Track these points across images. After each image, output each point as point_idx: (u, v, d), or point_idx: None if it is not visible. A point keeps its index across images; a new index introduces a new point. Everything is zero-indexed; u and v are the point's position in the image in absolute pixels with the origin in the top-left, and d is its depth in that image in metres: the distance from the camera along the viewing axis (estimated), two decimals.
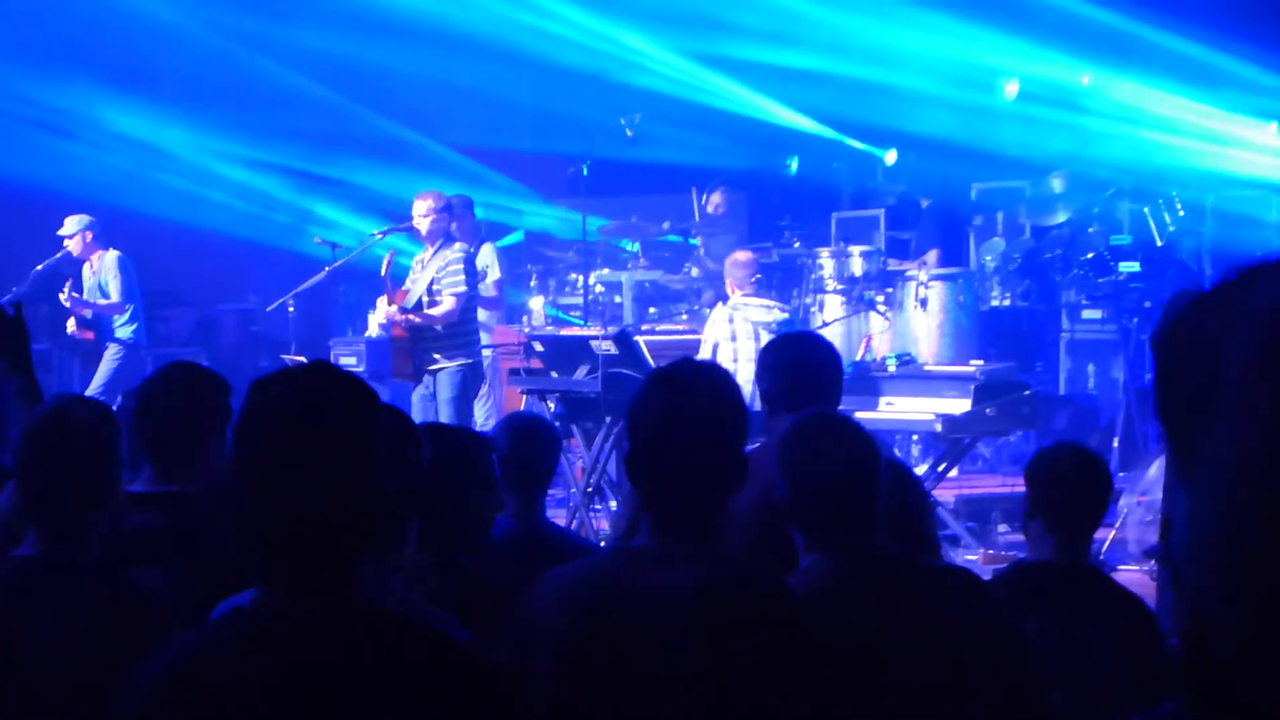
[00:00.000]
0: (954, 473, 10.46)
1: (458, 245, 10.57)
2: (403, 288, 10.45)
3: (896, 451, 11.27)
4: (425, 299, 10.28)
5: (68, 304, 12.47)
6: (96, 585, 3.59)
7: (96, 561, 3.63)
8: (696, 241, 13.73)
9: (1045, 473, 4.33)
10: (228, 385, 4.33)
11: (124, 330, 12.68)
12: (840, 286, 12.25)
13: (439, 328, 10.25)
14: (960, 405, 9.73)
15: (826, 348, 4.79)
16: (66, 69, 14.79)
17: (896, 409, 10.04)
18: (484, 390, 11.46)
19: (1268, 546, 1.17)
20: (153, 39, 15.13)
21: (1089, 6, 13.73)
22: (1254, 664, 1.18)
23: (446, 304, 10.25)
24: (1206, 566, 1.21)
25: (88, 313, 12.59)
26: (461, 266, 10.33)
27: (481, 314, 11.21)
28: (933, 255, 13.65)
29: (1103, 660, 4.09)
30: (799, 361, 4.59)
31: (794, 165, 15.63)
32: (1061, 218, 13.48)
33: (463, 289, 10.28)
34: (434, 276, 10.28)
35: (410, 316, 10.23)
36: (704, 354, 10.19)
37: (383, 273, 10.51)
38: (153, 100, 15.26)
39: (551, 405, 10.06)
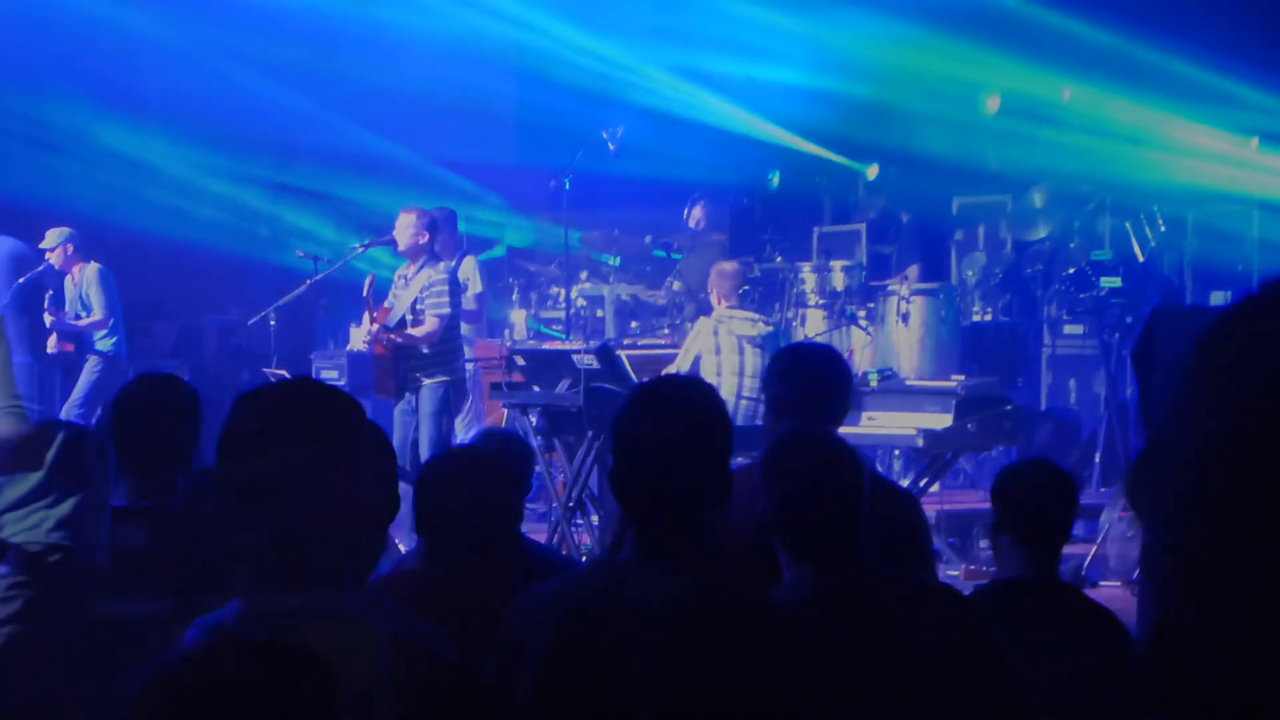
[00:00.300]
0: (935, 488, 10.45)
1: (442, 265, 10.53)
2: (384, 304, 10.41)
3: (878, 466, 11.28)
4: (409, 317, 10.24)
5: (50, 323, 12.50)
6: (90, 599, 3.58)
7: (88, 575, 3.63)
8: (680, 256, 13.74)
9: (1011, 487, 4.35)
10: (196, 392, 4.33)
11: (104, 343, 12.67)
12: (822, 301, 12.26)
13: (422, 348, 10.22)
14: (942, 420, 9.74)
15: (836, 359, 4.80)
16: (54, 85, 14.78)
17: (878, 424, 10.04)
18: (466, 405, 11.44)
19: (1211, 560, 1.24)
20: (139, 56, 15.12)
21: (1070, 22, 13.76)
22: (1214, 666, 1.22)
23: (429, 324, 10.19)
24: (1167, 580, 1.25)
25: None
26: (446, 288, 10.27)
27: (463, 328, 11.19)
28: (914, 270, 13.66)
29: (1079, 675, 4.09)
30: (806, 371, 4.58)
31: (776, 179, 15.63)
32: (1043, 232, 13.51)
33: (446, 310, 10.23)
34: (417, 296, 10.23)
35: (392, 335, 10.18)
36: (684, 364, 10.18)
37: (365, 293, 10.43)
38: (138, 116, 15.24)
39: (533, 419, 10.05)
